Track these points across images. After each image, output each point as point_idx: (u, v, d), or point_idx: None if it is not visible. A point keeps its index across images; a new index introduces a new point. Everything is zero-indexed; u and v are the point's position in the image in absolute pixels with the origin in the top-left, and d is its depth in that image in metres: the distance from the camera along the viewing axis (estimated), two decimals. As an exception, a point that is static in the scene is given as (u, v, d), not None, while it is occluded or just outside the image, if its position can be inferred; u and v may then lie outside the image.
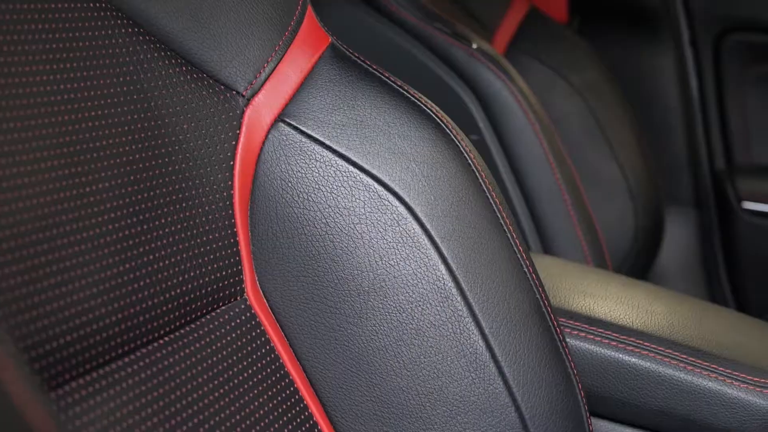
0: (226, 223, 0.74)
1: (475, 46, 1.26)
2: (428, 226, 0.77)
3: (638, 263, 1.65)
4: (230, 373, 0.70)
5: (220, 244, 0.73)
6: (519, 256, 0.80)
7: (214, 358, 0.70)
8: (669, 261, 1.92)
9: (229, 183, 0.75)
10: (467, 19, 1.55)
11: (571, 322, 0.89)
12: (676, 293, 1.01)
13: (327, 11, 1.32)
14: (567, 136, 1.58)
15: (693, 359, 0.87)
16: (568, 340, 0.89)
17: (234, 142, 0.75)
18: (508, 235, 0.80)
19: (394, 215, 0.76)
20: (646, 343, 0.88)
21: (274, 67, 0.78)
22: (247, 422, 0.70)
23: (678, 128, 1.89)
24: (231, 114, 0.75)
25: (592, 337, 0.89)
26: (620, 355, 0.88)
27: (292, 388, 0.75)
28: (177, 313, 0.69)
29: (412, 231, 0.76)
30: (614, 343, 0.88)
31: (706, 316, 0.95)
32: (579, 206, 1.28)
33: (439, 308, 0.76)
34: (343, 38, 1.33)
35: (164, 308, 0.67)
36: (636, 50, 1.90)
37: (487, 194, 0.80)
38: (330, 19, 1.33)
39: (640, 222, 1.61)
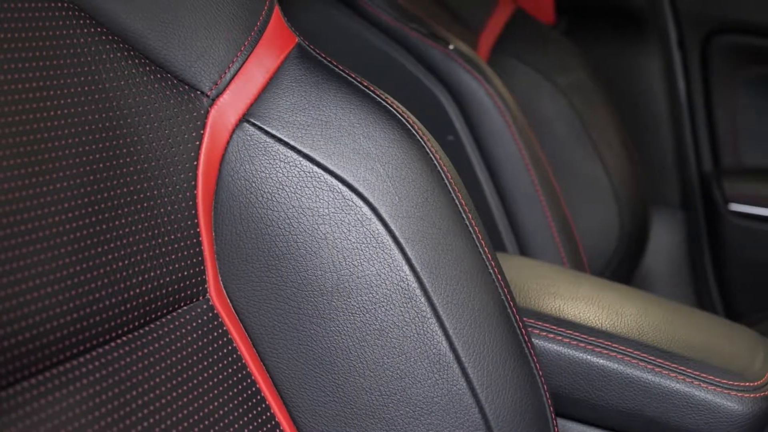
0: (189, 223, 0.74)
1: (451, 46, 1.26)
2: (392, 227, 0.77)
3: (623, 264, 1.65)
4: (190, 373, 0.70)
5: (182, 244, 0.73)
6: (484, 257, 0.80)
7: (174, 358, 0.70)
8: (656, 262, 1.92)
9: (193, 183, 0.75)
10: (452, 21, 1.55)
11: (539, 323, 0.89)
12: (648, 294, 1.01)
13: (303, 11, 1.32)
14: (552, 138, 1.58)
15: (661, 361, 0.87)
16: (536, 341, 0.89)
17: (198, 143, 0.75)
18: (474, 236, 0.80)
19: (358, 216, 0.76)
20: (614, 345, 0.88)
21: (240, 67, 0.78)
22: (206, 422, 0.70)
23: (665, 130, 1.89)
24: (195, 114, 0.75)
25: (560, 338, 0.89)
26: (588, 357, 0.88)
27: (254, 388, 0.75)
28: (136, 313, 0.69)
29: (376, 231, 0.76)
30: (582, 345, 0.88)
31: (677, 318, 0.95)
32: (555, 207, 1.28)
33: (402, 309, 0.76)
34: (319, 38, 1.33)
35: (122, 308, 0.67)
36: (624, 52, 1.90)
37: (453, 195, 0.80)
38: (306, 19, 1.33)
39: (625, 223, 1.61)
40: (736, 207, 1.83)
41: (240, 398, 0.73)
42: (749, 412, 0.85)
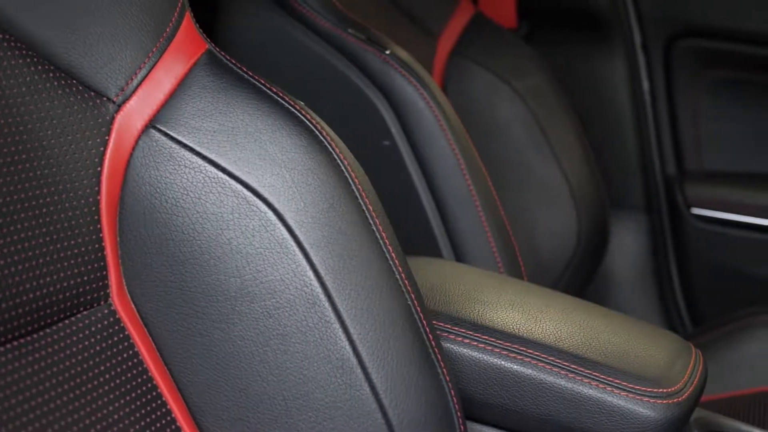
0: (91, 228, 0.75)
1: (388, 51, 1.27)
2: (297, 233, 0.77)
3: (582, 267, 1.65)
4: (84, 377, 0.71)
5: (82, 249, 0.74)
6: (391, 262, 0.80)
7: (67, 363, 0.70)
8: (620, 265, 1.92)
9: (96, 189, 0.75)
10: (409, 25, 1.55)
11: (456, 328, 0.90)
12: (576, 300, 1.01)
13: (240, 16, 1.33)
14: (510, 141, 1.58)
15: (575, 367, 0.87)
16: (451, 346, 0.89)
17: (102, 148, 0.76)
18: (381, 242, 0.80)
19: (263, 221, 0.77)
20: (529, 350, 0.88)
21: (147, 74, 0.78)
22: (98, 426, 0.70)
23: (629, 133, 1.89)
24: (100, 120, 0.76)
25: (475, 343, 0.89)
26: (502, 362, 0.88)
27: (154, 393, 0.75)
28: (28, 319, 0.69)
29: (281, 237, 0.77)
30: (497, 350, 0.88)
31: (599, 324, 0.95)
32: (491, 213, 1.28)
33: (306, 314, 0.77)
34: (258, 43, 1.33)
35: (12, 314, 0.68)
36: (587, 55, 1.90)
37: (360, 201, 0.80)
38: (244, 23, 1.34)
39: (584, 227, 1.61)
40: (698, 211, 1.83)
41: (138, 403, 0.74)
42: (662, 418, 0.86)
